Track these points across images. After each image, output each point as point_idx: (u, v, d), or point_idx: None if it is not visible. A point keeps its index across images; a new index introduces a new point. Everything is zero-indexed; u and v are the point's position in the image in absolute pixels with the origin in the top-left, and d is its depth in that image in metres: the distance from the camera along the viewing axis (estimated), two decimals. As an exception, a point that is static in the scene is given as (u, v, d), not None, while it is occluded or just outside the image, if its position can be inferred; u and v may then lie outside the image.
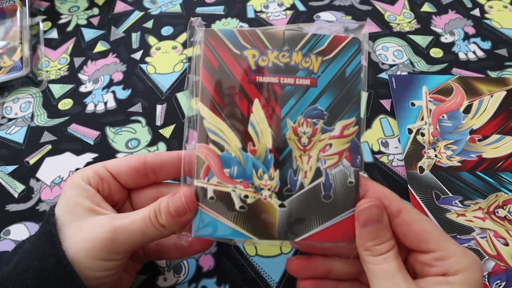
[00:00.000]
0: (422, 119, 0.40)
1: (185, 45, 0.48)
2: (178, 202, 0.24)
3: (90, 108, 0.43)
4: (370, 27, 0.49)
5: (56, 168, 0.39)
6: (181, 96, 0.44)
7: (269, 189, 0.25)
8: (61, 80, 0.46)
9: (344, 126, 0.25)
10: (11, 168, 0.40)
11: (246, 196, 0.25)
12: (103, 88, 0.45)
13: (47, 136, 0.42)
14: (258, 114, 0.25)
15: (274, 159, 0.25)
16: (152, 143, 0.40)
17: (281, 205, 0.25)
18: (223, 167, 0.25)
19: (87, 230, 0.24)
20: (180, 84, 0.45)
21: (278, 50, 0.25)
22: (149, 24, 0.51)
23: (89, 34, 0.50)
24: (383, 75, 0.44)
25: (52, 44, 0.49)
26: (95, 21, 0.51)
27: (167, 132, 0.41)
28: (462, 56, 0.46)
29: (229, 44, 0.25)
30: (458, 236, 0.34)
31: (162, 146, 0.40)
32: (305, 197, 0.25)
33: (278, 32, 0.25)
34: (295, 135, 0.25)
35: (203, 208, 0.24)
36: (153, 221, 0.24)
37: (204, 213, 0.24)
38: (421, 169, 0.37)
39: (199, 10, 0.52)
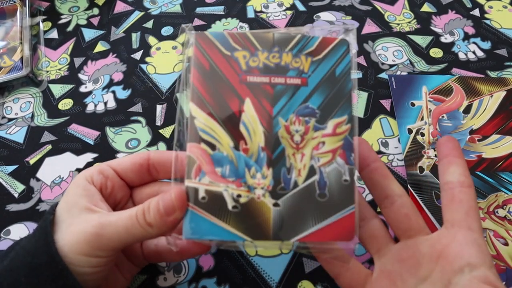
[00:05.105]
0: (422, 119, 0.40)
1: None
2: (167, 199, 0.23)
3: (90, 108, 0.43)
4: (370, 27, 0.49)
5: (56, 168, 0.39)
6: (181, 97, 0.44)
7: (262, 188, 0.24)
8: (61, 80, 0.46)
9: (336, 124, 0.25)
10: (11, 168, 0.40)
11: (239, 196, 0.24)
12: (103, 88, 0.45)
13: (47, 136, 0.42)
14: (249, 113, 0.25)
15: (267, 157, 0.24)
16: (152, 143, 0.40)
17: (275, 204, 0.24)
18: (215, 166, 0.24)
19: (75, 225, 0.24)
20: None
21: (268, 51, 0.26)
22: (149, 24, 0.51)
23: (89, 34, 0.50)
24: (383, 75, 0.44)
25: (52, 44, 0.49)
26: (95, 21, 0.51)
27: (167, 132, 0.41)
28: (462, 56, 0.46)
29: (219, 45, 0.25)
30: (458, 236, 0.34)
31: (162, 146, 0.40)
32: (300, 196, 0.24)
33: (268, 35, 0.26)
34: (288, 133, 0.25)
35: (194, 208, 0.24)
36: (139, 219, 0.24)
37: (195, 214, 0.24)
38: (421, 169, 0.37)
39: (199, 10, 0.52)
